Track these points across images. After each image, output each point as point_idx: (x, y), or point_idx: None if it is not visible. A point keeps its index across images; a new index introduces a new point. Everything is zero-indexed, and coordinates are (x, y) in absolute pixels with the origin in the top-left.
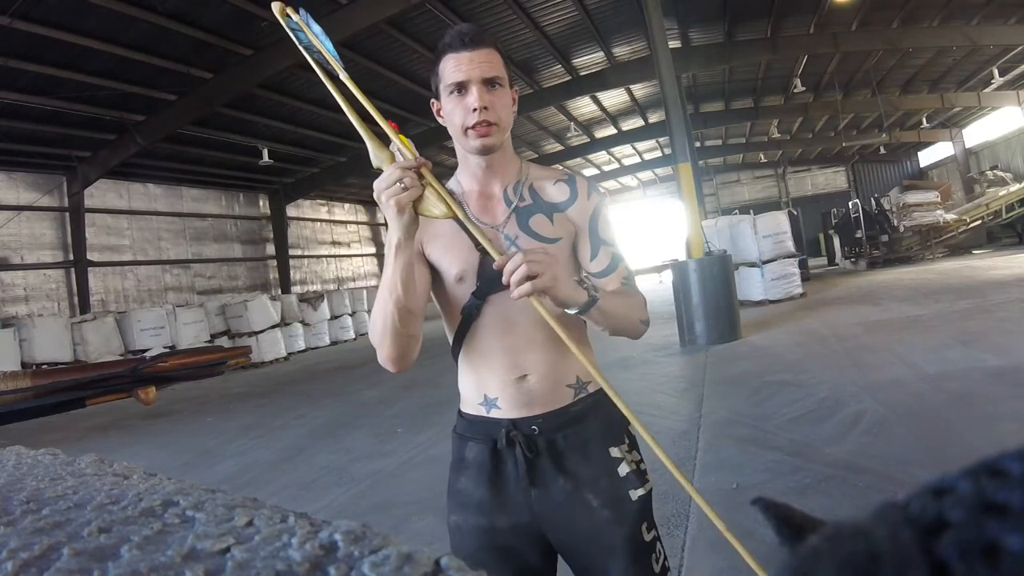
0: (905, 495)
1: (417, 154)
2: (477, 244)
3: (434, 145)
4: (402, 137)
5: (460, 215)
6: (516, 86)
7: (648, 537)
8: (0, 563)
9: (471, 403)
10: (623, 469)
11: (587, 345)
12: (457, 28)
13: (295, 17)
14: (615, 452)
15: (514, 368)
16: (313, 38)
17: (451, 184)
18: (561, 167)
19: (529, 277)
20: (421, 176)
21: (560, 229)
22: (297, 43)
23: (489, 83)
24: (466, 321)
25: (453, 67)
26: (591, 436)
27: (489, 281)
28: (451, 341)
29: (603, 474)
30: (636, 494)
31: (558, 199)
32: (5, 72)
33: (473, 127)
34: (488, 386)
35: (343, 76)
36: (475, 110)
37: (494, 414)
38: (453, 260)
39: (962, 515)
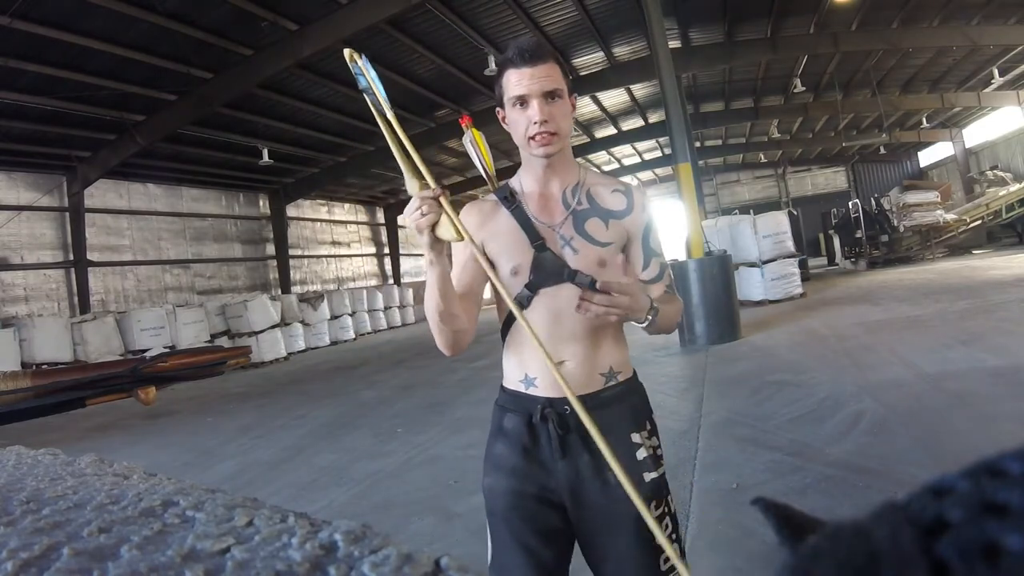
0: (905, 495)
1: (487, 147)
2: (533, 240)
3: (434, 145)
4: (475, 131)
5: (467, 238)
6: (575, 93)
7: (656, 513)
8: (0, 563)
9: (512, 380)
10: (641, 453)
11: (622, 342)
12: (518, 44)
13: (359, 63)
14: (636, 438)
15: (554, 354)
16: (371, 81)
17: (513, 183)
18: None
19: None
20: (442, 204)
21: (613, 234)
22: (357, 83)
23: (549, 96)
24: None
25: (515, 82)
26: (617, 420)
27: (541, 276)
28: (501, 324)
29: (623, 456)
30: (649, 476)
31: (615, 207)
32: (5, 72)
33: (535, 136)
34: (529, 366)
35: (389, 115)
36: (536, 123)
37: (532, 391)
38: (510, 255)
39: (962, 515)
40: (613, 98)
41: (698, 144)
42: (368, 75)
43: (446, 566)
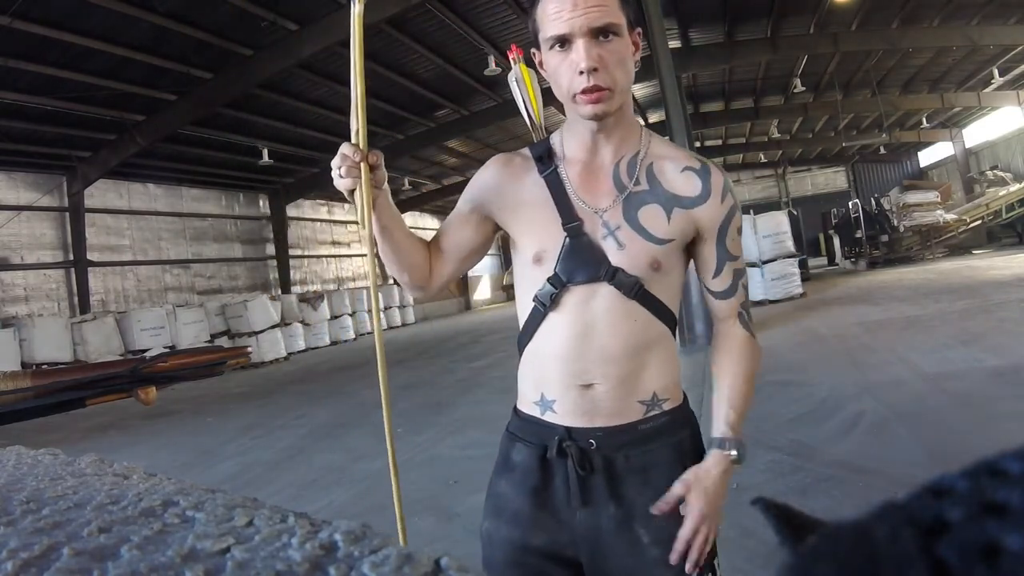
0: (905, 495)
1: (537, 90)
2: (567, 221)
3: (433, 144)
4: (524, 68)
5: (365, 232)
6: (639, 28)
7: None
8: (0, 563)
9: (527, 401)
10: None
11: (671, 360)
12: None
13: None
14: None
15: (581, 374)
16: None
17: (554, 139)
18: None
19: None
20: (361, 173)
21: (676, 228)
22: None
23: (600, 34)
24: (537, 310)
25: (554, 13)
26: (656, 461)
27: (570, 269)
28: (520, 328)
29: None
30: None
31: (684, 192)
32: (5, 72)
33: (582, 92)
34: (547, 386)
35: (358, 7)
36: (582, 72)
37: (549, 417)
38: (534, 236)
39: (962, 515)
40: None
41: (698, 144)
42: None
43: (446, 566)
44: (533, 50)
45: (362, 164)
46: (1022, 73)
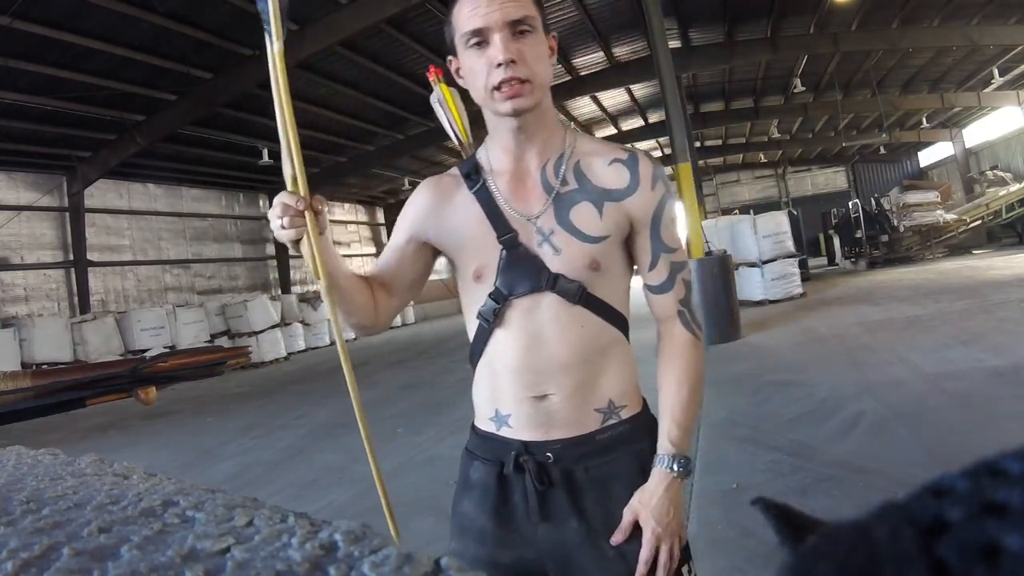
0: (905, 495)
1: (460, 107)
2: (501, 234)
3: (433, 145)
4: (445, 88)
5: (324, 284)
6: (554, 32)
7: None
8: (0, 563)
9: (483, 417)
10: None
11: (628, 365)
12: None
13: None
14: None
15: (533, 385)
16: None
17: (480, 154)
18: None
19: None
20: (316, 213)
21: (609, 223)
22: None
23: (516, 28)
24: (482, 327)
25: (469, 11)
26: (617, 472)
27: (510, 282)
28: (471, 345)
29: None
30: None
31: (612, 185)
32: (5, 72)
33: (499, 86)
34: (501, 400)
35: (276, 47)
36: (500, 64)
37: (504, 432)
38: (471, 254)
39: (962, 515)
40: (613, 98)
41: (698, 144)
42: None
43: (446, 566)
44: (450, 58)
45: (307, 212)
46: (1022, 73)
